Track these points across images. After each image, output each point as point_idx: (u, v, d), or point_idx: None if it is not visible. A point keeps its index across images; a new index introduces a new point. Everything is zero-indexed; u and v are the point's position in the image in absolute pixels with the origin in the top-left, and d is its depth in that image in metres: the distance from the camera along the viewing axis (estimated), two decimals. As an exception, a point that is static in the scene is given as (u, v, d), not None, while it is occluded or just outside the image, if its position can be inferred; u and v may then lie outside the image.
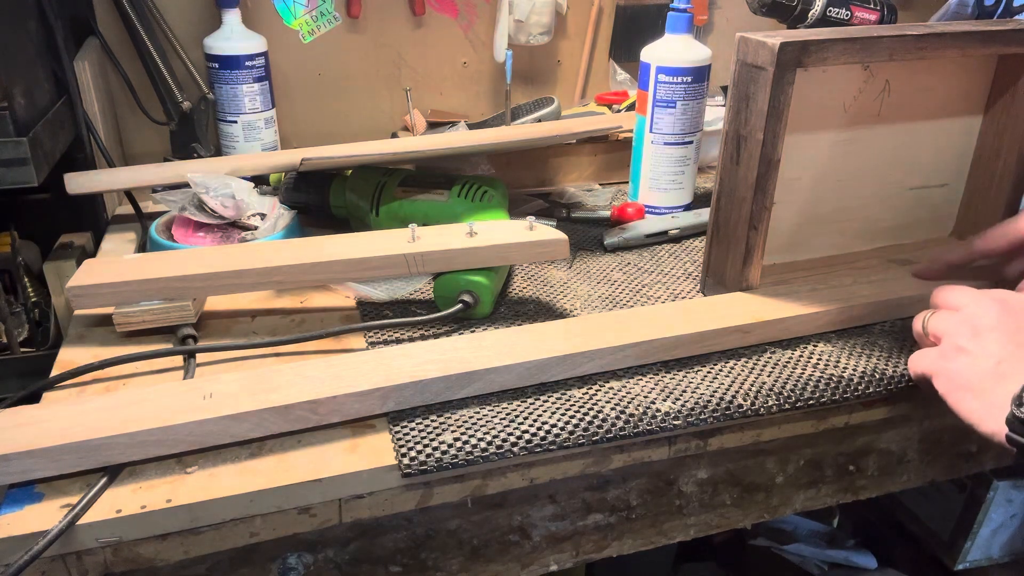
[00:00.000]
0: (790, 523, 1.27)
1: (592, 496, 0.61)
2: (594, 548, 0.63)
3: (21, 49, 0.75)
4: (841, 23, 0.96)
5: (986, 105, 0.76)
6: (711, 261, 0.72)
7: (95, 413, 0.52)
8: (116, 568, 0.49)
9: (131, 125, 1.04)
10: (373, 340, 0.65)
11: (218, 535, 0.50)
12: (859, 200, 0.76)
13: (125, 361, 0.62)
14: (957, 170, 0.79)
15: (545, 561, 0.62)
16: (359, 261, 0.66)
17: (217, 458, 0.52)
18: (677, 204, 0.92)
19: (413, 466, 0.51)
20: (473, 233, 0.68)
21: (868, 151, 0.73)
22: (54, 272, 0.83)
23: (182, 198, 0.79)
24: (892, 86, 0.71)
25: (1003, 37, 0.67)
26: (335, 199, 0.85)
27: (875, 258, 0.77)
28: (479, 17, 1.15)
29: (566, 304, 0.72)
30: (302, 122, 1.12)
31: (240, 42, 0.98)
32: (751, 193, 0.64)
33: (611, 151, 1.04)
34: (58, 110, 0.80)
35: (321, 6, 1.03)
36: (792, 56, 0.60)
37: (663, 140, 0.89)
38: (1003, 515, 1.00)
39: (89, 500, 0.47)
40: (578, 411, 0.56)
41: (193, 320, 0.66)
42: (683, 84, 0.86)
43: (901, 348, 0.65)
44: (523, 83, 1.21)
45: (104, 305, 0.66)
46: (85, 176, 0.84)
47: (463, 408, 0.57)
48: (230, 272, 0.65)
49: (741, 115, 0.64)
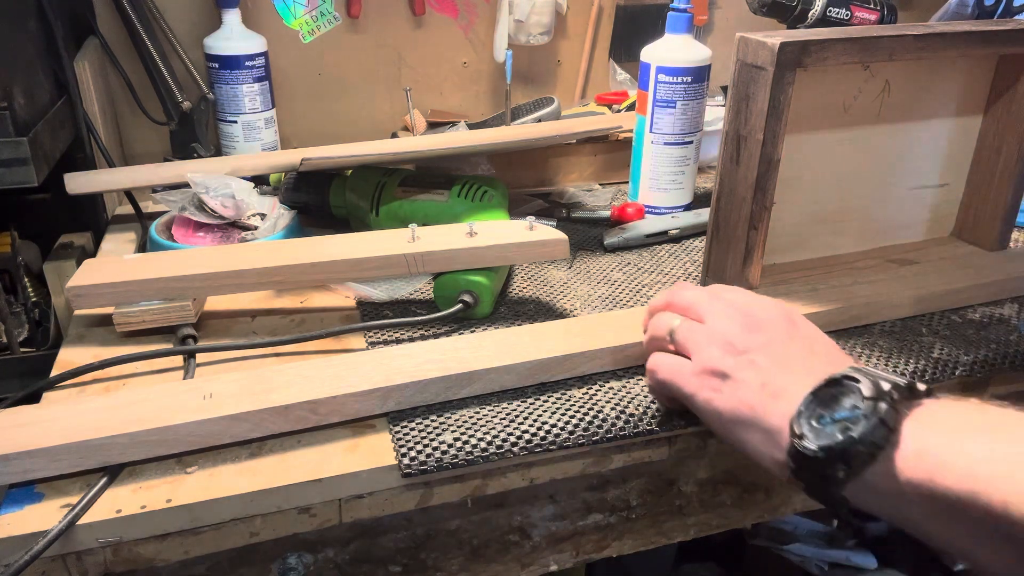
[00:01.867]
0: (790, 523, 1.27)
1: (592, 496, 0.61)
2: (594, 548, 0.63)
3: (21, 49, 0.75)
4: (841, 23, 0.96)
5: (986, 105, 0.76)
6: (711, 261, 0.72)
7: (95, 413, 0.52)
8: (116, 568, 0.49)
9: (131, 125, 1.04)
10: (373, 340, 0.65)
11: (218, 535, 0.50)
12: (859, 200, 0.76)
13: (125, 361, 0.62)
14: (957, 170, 0.79)
15: (545, 561, 0.62)
16: (359, 261, 0.66)
17: (217, 458, 0.52)
18: (677, 204, 0.92)
19: (413, 466, 0.51)
20: (473, 233, 0.68)
21: (868, 151, 0.73)
22: (54, 272, 0.83)
23: (182, 198, 0.79)
24: (892, 86, 0.71)
25: (1003, 37, 0.67)
26: (335, 199, 0.85)
27: (875, 258, 0.77)
28: (479, 17, 1.15)
29: (566, 304, 0.72)
30: (302, 122, 1.12)
31: (240, 42, 0.98)
32: (751, 193, 0.64)
33: (611, 151, 1.04)
34: (58, 110, 0.80)
35: (321, 6, 1.03)
36: (792, 56, 0.60)
37: (663, 140, 0.89)
38: (1003, 515, 1.00)
39: (89, 500, 0.47)
40: (578, 411, 0.56)
41: (193, 320, 0.66)
42: (683, 84, 0.86)
43: (901, 348, 0.65)
44: (523, 83, 1.21)
45: (104, 305, 0.66)
46: (85, 176, 0.84)
47: (463, 408, 0.57)
48: (230, 272, 0.65)
49: (741, 115, 0.64)
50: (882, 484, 0.39)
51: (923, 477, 0.38)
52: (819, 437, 0.41)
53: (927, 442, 0.39)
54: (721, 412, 0.48)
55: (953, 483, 0.36)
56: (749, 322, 0.50)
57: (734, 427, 0.47)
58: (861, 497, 0.41)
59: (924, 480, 0.37)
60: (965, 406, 0.41)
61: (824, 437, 0.41)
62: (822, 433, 0.41)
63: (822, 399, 0.43)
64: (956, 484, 0.36)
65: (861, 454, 0.39)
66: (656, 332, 0.55)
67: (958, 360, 0.63)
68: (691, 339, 0.51)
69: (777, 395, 0.45)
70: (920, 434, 0.39)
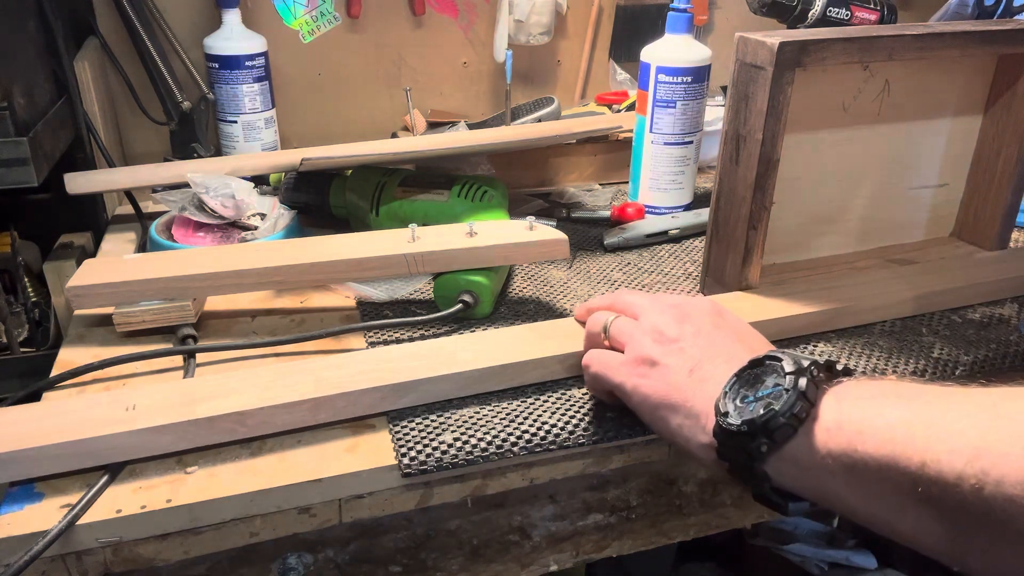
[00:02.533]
0: (790, 523, 1.27)
1: (592, 496, 0.61)
2: (594, 548, 0.63)
3: (21, 49, 0.75)
4: (841, 23, 0.96)
5: (986, 105, 0.76)
6: (711, 261, 0.72)
7: (96, 412, 0.52)
8: (116, 568, 0.49)
9: (131, 125, 1.04)
10: (373, 340, 0.65)
11: (218, 535, 0.50)
12: (859, 200, 0.76)
13: (125, 361, 0.62)
14: (957, 170, 0.79)
15: (545, 561, 0.62)
16: (359, 261, 0.66)
17: (217, 458, 0.52)
18: (677, 204, 0.92)
19: (413, 466, 0.51)
20: (473, 233, 0.68)
21: (868, 151, 0.73)
22: (54, 272, 0.83)
23: (182, 198, 0.79)
24: (892, 86, 0.71)
25: (1003, 37, 0.67)
26: (335, 199, 0.85)
27: (875, 258, 0.77)
28: (479, 17, 1.15)
29: (566, 304, 0.72)
30: (302, 122, 1.12)
31: (240, 42, 0.98)
32: (751, 193, 0.64)
33: (611, 151, 1.04)
34: (58, 110, 0.80)
35: (321, 6, 1.03)
36: (791, 56, 0.60)
37: (663, 140, 0.89)
38: (1003, 515, 1.00)
39: (89, 500, 0.47)
40: (578, 411, 0.56)
41: (193, 320, 0.66)
42: (683, 84, 0.86)
43: (901, 348, 0.65)
44: (523, 83, 1.21)
45: (104, 305, 0.66)
46: (85, 176, 0.84)
47: (463, 408, 0.57)
48: (230, 272, 0.65)
49: (740, 115, 0.64)
50: (804, 457, 0.40)
51: (844, 446, 0.39)
52: (742, 413, 0.42)
53: (846, 413, 0.40)
54: (649, 396, 0.49)
55: (873, 448, 0.37)
56: (678, 313, 0.52)
57: (662, 411, 0.48)
58: (784, 474, 0.42)
59: (845, 449, 0.38)
60: (883, 381, 0.42)
61: (747, 413, 0.42)
62: (745, 410, 0.42)
63: (746, 380, 0.44)
64: (875, 449, 0.37)
65: (783, 426, 0.41)
66: (592, 328, 0.57)
67: (958, 360, 0.63)
68: (624, 332, 0.53)
69: (704, 380, 0.47)
70: (840, 406, 0.40)
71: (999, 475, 0.32)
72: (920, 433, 0.36)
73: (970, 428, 0.35)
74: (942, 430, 0.35)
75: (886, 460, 0.36)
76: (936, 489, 0.35)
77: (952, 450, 0.34)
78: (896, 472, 0.36)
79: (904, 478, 0.36)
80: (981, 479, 0.33)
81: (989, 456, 0.33)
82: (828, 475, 0.40)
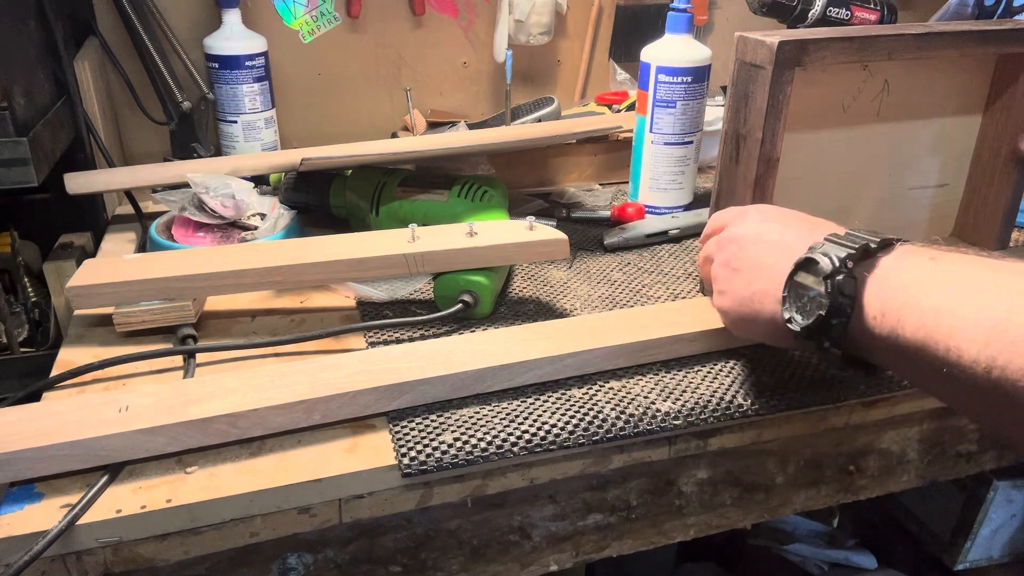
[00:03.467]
0: (790, 523, 1.27)
1: (592, 496, 0.61)
2: (594, 548, 0.63)
3: (21, 49, 0.75)
4: (841, 23, 0.96)
5: (986, 105, 0.76)
6: (711, 261, 0.71)
7: (94, 413, 0.52)
8: (116, 568, 0.49)
9: (131, 125, 1.04)
10: (373, 340, 0.65)
11: (218, 535, 0.50)
12: (859, 200, 0.76)
13: (125, 361, 0.62)
14: (957, 170, 0.79)
15: (545, 561, 0.62)
16: (359, 261, 0.66)
17: (217, 458, 0.52)
18: (677, 204, 0.92)
19: (413, 466, 0.51)
20: (473, 233, 0.68)
21: (867, 151, 0.73)
22: (54, 272, 0.83)
23: (182, 198, 0.79)
24: (891, 86, 0.71)
25: (1002, 37, 0.67)
26: (335, 199, 0.85)
27: (875, 258, 0.77)
28: (479, 17, 1.15)
29: (566, 304, 0.72)
30: (302, 122, 1.12)
31: (240, 42, 0.98)
32: (750, 192, 0.64)
33: (611, 151, 1.04)
34: (58, 110, 0.80)
35: (321, 6, 1.03)
36: (791, 55, 0.60)
37: (663, 140, 0.89)
38: (1003, 515, 1.00)
39: (89, 500, 0.47)
40: (578, 411, 0.56)
41: (193, 320, 0.66)
42: (683, 84, 0.86)
43: (901, 348, 0.65)
44: (523, 83, 1.21)
45: (104, 305, 0.66)
46: (85, 176, 0.84)
47: (463, 408, 0.57)
48: (230, 272, 0.65)
49: (740, 114, 0.64)
50: (861, 340, 0.47)
51: (887, 332, 0.45)
52: (804, 318, 0.48)
53: (888, 302, 0.45)
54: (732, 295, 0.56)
55: (910, 333, 0.43)
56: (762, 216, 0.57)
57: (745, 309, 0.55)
58: (852, 350, 0.48)
59: (888, 334, 0.45)
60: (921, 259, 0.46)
61: (805, 316, 0.48)
62: (802, 315, 0.49)
63: (794, 288, 0.50)
64: (912, 334, 0.43)
65: (834, 326, 0.47)
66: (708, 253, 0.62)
67: (958, 360, 0.63)
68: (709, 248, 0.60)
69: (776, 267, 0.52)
70: (882, 293, 0.46)
71: (1005, 361, 0.38)
72: (946, 321, 0.41)
73: (986, 319, 0.39)
74: (964, 318, 0.40)
75: (920, 343, 0.42)
76: (957, 371, 0.40)
77: (970, 338, 0.40)
78: (928, 354, 0.42)
79: (934, 359, 0.41)
80: (990, 364, 0.38)
81: (999, 344, 0.38)
82: (879, 352, 0.46)
